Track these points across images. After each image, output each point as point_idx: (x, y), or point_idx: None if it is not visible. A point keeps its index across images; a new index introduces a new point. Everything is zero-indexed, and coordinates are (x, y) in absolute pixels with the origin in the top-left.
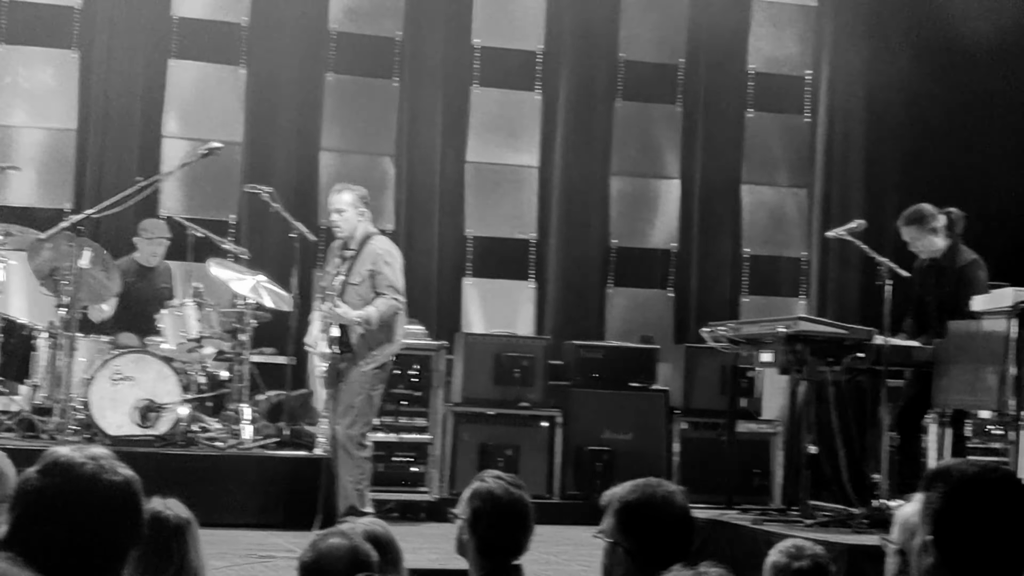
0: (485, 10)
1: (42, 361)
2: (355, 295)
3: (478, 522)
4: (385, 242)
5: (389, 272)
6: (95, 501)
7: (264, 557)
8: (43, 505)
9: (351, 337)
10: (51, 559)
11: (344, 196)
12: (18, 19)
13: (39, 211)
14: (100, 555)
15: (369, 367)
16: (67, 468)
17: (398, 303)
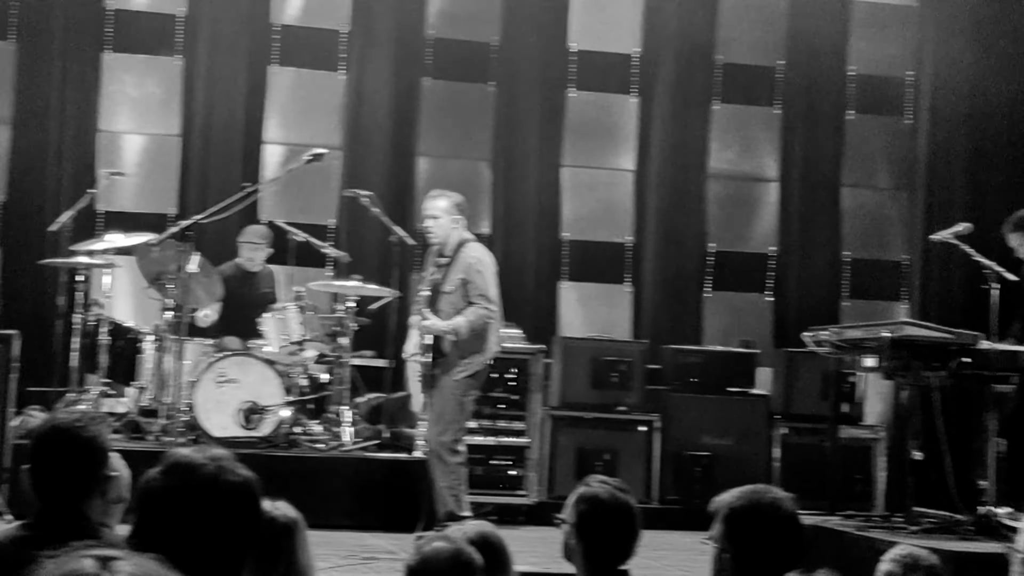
0: (581, 13)
1: (148, 364)
2: (448, 303)
3: (585, 527)
4: (478, 250)
5: (480, 281)
6: (216, 501)
7: (367, 559)
8: (165, 505)
9: (443, 345)
10: (173, 559)
11: (439, 202)
12: (123, 27)
13: (144, 216)
14: (221, 555)
15: (460, 375)
16: (188, 469)
17: (489, 312)
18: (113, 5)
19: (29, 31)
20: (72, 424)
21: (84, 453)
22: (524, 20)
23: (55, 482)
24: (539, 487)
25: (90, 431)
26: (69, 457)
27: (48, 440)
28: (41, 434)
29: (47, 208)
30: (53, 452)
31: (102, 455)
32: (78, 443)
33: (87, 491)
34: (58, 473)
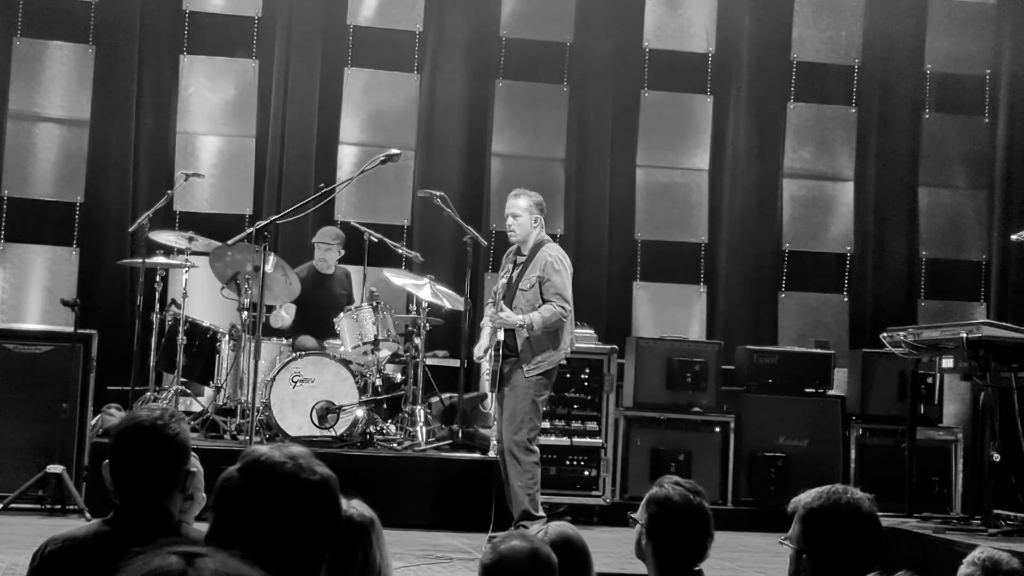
0: (656, 13)
1: (225, 363)
2: (524, 300)
3: (655, 528)
4: (556, 250)
5: (558, 280)
6: (295, 499)
7: (440, 558)
8: (244, 503)
9: (517, 342)
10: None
11: (520, 201)
12: (200, 30)
13: (220, 217)
14: (300, 553)
15: (533, 373)
16: (267, 467)
17: (563, 311)
18: (190, 7)
19: (107, 34)
20: (154, 420)
21: (166, 449)
22: (598, 20)
23: (137, 478)
24: (613, 488)
25: (172, 427)
26: (151, 453)
27: (130, 436)
28: (123, 430)
29: (125, 209)
30: (135, 448)
31: (183, 451)
32: (160, 439)
33: (168, 487)
34: (140, 469)
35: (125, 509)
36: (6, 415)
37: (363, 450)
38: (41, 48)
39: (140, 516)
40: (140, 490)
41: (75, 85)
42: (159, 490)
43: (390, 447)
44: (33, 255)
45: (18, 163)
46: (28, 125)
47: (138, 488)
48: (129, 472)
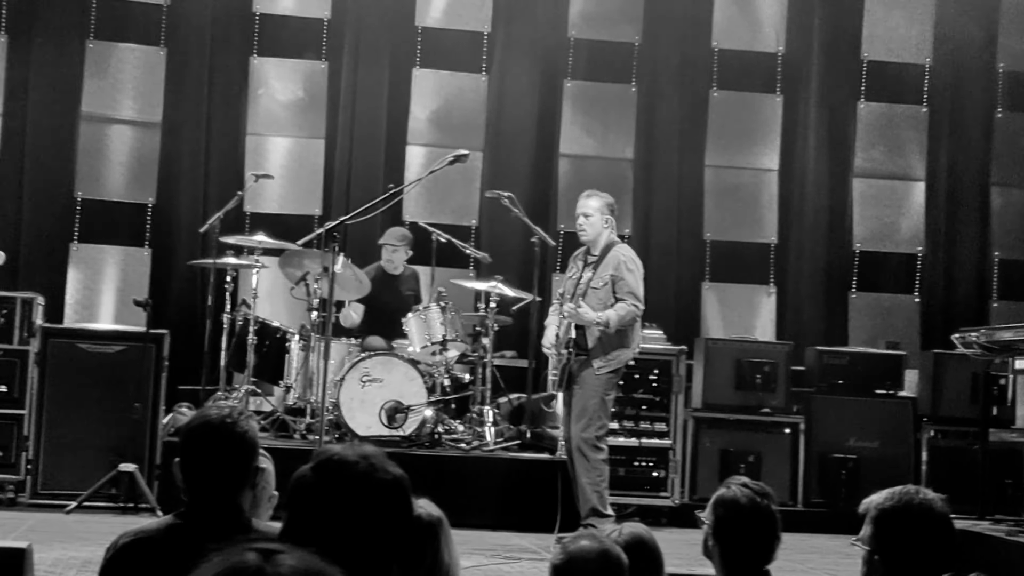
0: (724, 13)
1: (294, 363)
2: (596, 299)
3: (722, 530)
4: (629, 250)
5: (631, 278)
6: (368, 499)
7: (509, 558)
8: (317, 502)
9: (588, 340)
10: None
11: (592, 201)
12: (270, 32)
13: (290, 218)
14: (372, 552)
15: (603, 371)
16: (341, 466)
17: (637, 309)
18: (260, 10)
19: (178, 37)
20: (223, 418)
21: (235, 446)
22: (666, 20)
23: (206, 474)
24: (682, 489)
25: (240, 424)
26: (220, 450)
27: (200, 433)
28: (193, 428)
29: (196, 210)
30: (205, 445)
31: (252, 448)
32: (229, 436)
33: (238, 483)
34: (209, 465)
35: (195, 505)
36: (79, 414)
37: (431, 450)
38: (113, 51)
39: (210, 512)
40: (210, 486)
41: (147, 87)
42: (229, 486)
43: (458, 447)
44: (106, 256)
45: (91, 165)
46: (101, 127)
47: (208, 484)
48: (199, 469)
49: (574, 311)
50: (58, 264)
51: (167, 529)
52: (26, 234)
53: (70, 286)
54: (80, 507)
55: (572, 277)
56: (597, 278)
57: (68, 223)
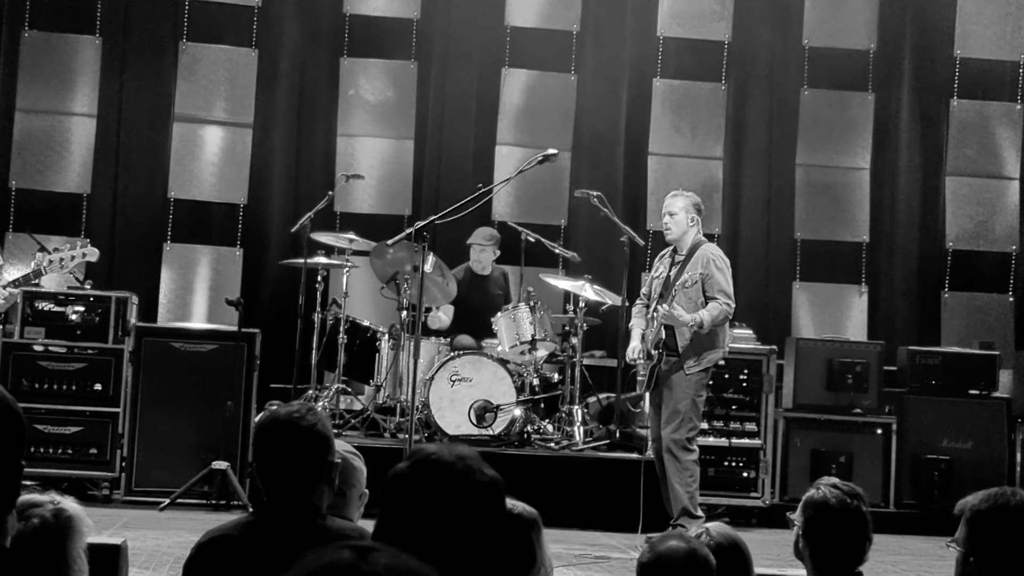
0: (815, 10)
1: (384, 362)
2: (685, 299)
3: (812, 532)
4: (716, 248)
5: (720, 277)
6: (465, 499)
7: (599, 557)
8: (412, 501)
9: (678, 340)
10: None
11: (678, 201)
12: (360, 33)
13: (380, 218)
14: (466, 553)
15: (694, 371)
16: (437, 466)
17: (729, 309)
18: (350, 11)
19: (269, 38)
20: (289, 414)
21: (303, 441)
22: (757, 18)
23: (278, 471)
24: (772, 489)
25: (307, 419)
26: (289, 446)
27: (268, 431)
28: (262, 426)
29: (287, 210)
30: (273, 443)
31: (322, 442)
32: (296, 431)
33: (312, 478)
34: (280, 462)
35: (271, 502)
36: (173, 412)
37: (520, 449)
38: (205, 52)
39: (285, 509)
40: (283, 483)
41: (239, 88)
42: (302, 482)
43: (547, 447)
44: (198, 255)
45: (184, 165)
46: (193, 128)
47: (281, 481)
48: (271, 466)
49: (668, 313)
50: (152, 264)
51: (244, 527)
52: (121, 234)
53: (163, 285)
54: (173, 504)
55: (658, 277)
56: (686, 277)
57: (161, 223)
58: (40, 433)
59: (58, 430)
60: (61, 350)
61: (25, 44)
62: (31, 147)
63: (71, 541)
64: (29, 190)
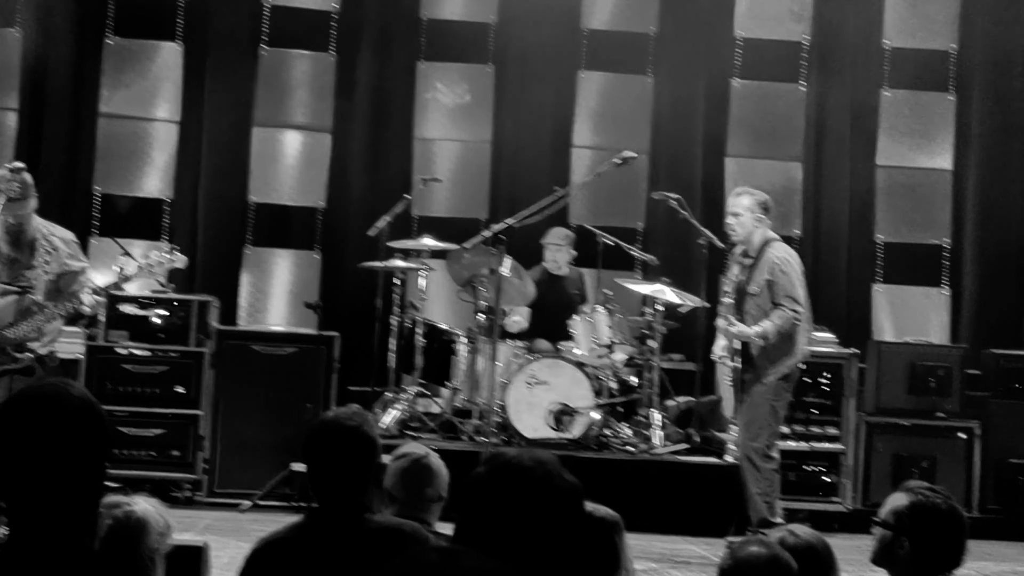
0: (896, 10)
1: (462, 365)
2: (754, 305)
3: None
4: (783, 249)
5: (786, 282)
6: (544, 504)
7: (679, 563)
8: (491, 506)
9: (752, 350)
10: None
11: (742, 200)
12: (437, 36)
13: (457, 221)
14: (544, 558)
15: (770, 379)
16: (516, 471)
17: (795, 315)
18: (427, 15)
19: (347, 42)
20: (337, 418)
21: (350, 444)
22: (837, 18)
23: (327, 475)
24: (854, 494)
25: (354, 421)
26: (337, 449)
27: (316, 436)
28: (311, 431)
29: (365, 214)
30: (321, 447)
31: (369, 445)
32: (343, 435)
33: (361, 481)
34: (329, 466)
35: (322, 504)
36: (253, 415)
37: (598, 453)
38: (284, 57)
39: (336, 510)
40: (332, 486)
41: (317, 93)
42: (351, 485)
43: (625, 451)
44: (277, 259)
45: (263, 170)
46: (273, 133)
47: (330, 484)
48: (320, 470)
49: (726, 329)
50: (232, 267)
51: (296, 530)
52: (202, 238)
53: (243, 289)
54: (254, 506)
55: (733, 279)
56: (753, 283)
57: (241, 227)
58: (123, 435)
59: (141, 432)
60: (144, 353)
61: (108, 50)
62: (114, 152)
63: (142, 542)
64: (113, 195)
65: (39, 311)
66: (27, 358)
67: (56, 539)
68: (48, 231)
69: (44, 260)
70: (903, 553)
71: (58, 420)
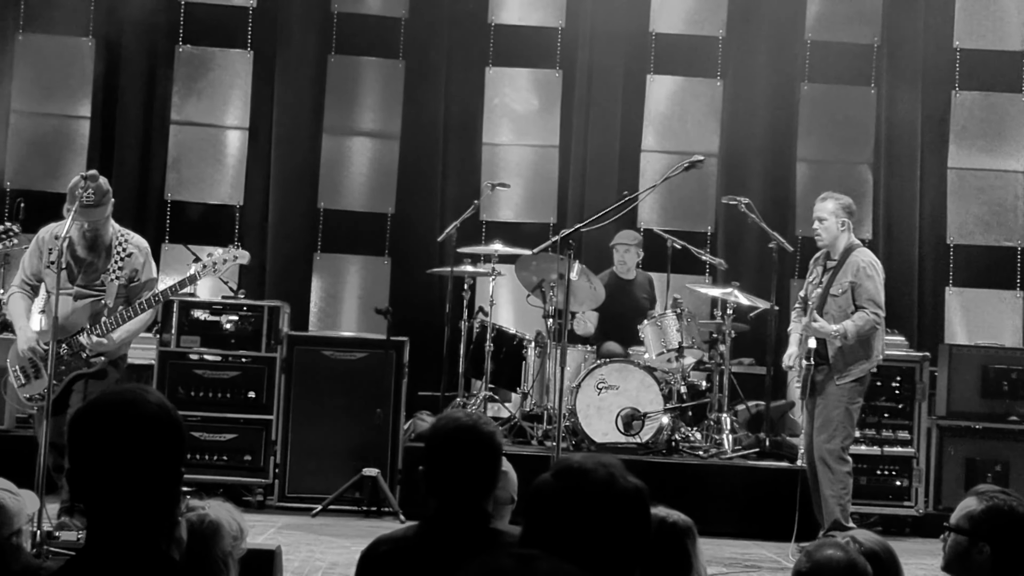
0: (967, 11)
1: (531, 370)
2: (835, 307)
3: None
4: (868, 254)
5: (870, 285)
6: (608, 508)
7: (749, 567)
8: (557, 509)
9: (828, 350)
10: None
11: (827, 204)
12: (505, 43)
13: (525, 226)
14: (611, 561)
15: (846, 381)
16: (581, 474)
17: (877, 318)
18: (495, 20)
19: (416, 49)
20: (474, 421)
21: (483, 449)
22: (906, 20)
23: (455, 478)
24: (926, 499)
25: (489, 427)
26: (469, 453)
27: (448, 437)
28: (440, 431)
29: (433, 219)
30: (453, 448)
31: (498, 451)
32: (478, 439)
33: (486, 487)
34: (458, 469)
35: (443, 510)
36: (324, 419)
37: (668, 457)
38: (354, 64)
39: (458, 516)
40: (458, 490)
41: (386, 99)
42: (476, 490)
43: (695, 455)
44: (347, 264)
45: (333, 176)
46: (342, 139)
47: (456, 488)
48: (447, 473)
49: (808, 325)
50: (302, 273)
51: (417, 535)
52: (272, 244)
53: (314, 294)
54: (325, 510)
55: (812, 282)
56: (836, 285)
57: (311, 233)
58: (196, 440)
59: (213, 437)
60: (216, 358)
61: (179, 59)
62: (185, 160)
63: (216, 546)
64: (184, 202)
65: (109, 316)
66: (100, 362)
67: (132, 542)
68: (124, 237)
69: (117, 266)
70: (982, 559)
71: (135, 425)
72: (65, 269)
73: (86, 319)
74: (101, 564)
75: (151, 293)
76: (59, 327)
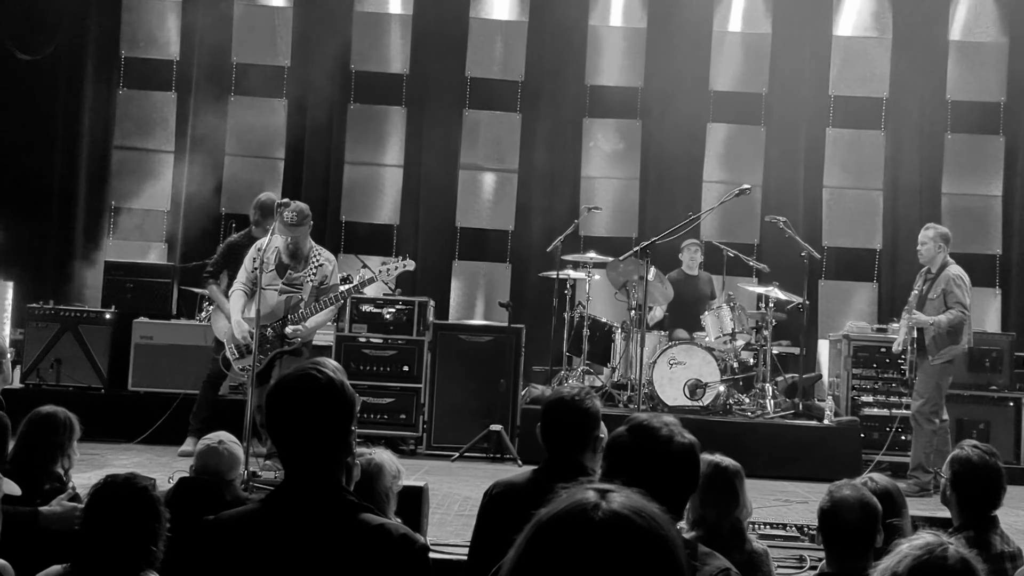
0: (957, 69)
1: (618, 350)
2: (932, 308)
3: (959, 482)
4: (957, 269)
5: (958, 292)
6: (669, 457)
7: (785, 501)
8: (629, 458)
9: (925, 338)
10: None
11: (928, 232)
12: (597, 99)
13: (613, 240)
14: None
15: (937, 362)
16: (648, 430)
17: (963, 315)
18: (590, 83)
19: (538, 105)
20: (573, 395)
21: (580, 418)
22: (909, 77)
23: (560, 438)
24: None
25: (586, 401)
26: (570, 420)
27: (555, 406)
28: (550, 402)
29: (543, 234)
30: (558, 416)
31: (595, 419)
32: (576, 409)
33: (583, 446)
34: (562, 431)
35: (552, 461)
36: (460, 388)
37: (724, 417)
38: (483, 117)
39: (562, 466)
40: (563, 447)
41: (506, 143)
42: (577, 448)
43: (745, 415)
44: (477, 269)
45: (467, 202)
46: (474, 174)
47: (561, 445)
48: (555, 434)
49: (909, 317)
50: (444, 276)
51: (529, 480)
52: (421, 254)
53: (453, 292)
54: (461, 457)
55: (917, 289)
56: (933, 291)
57: (451, 246)
58: (365, 403)
59: (376, 400)
60: (378, 341)
61: (351, 114)
62: (355, 190)
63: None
64: (354, 222)
65: (304, 308)
66: (296, 343)
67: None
68: (319, 251)
69: (312, 272)
70: (949, 495)
71: (314, 394)
72: (275, 270)
73: (284, 310)
74: (293, 497)
75: (334, 294)
76: (268, 313)
